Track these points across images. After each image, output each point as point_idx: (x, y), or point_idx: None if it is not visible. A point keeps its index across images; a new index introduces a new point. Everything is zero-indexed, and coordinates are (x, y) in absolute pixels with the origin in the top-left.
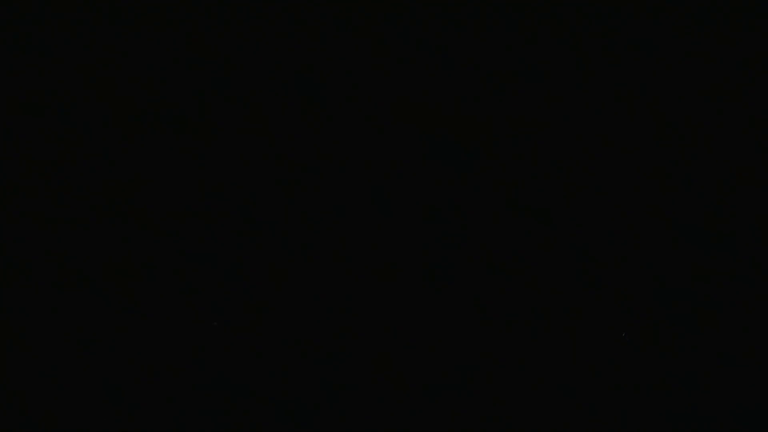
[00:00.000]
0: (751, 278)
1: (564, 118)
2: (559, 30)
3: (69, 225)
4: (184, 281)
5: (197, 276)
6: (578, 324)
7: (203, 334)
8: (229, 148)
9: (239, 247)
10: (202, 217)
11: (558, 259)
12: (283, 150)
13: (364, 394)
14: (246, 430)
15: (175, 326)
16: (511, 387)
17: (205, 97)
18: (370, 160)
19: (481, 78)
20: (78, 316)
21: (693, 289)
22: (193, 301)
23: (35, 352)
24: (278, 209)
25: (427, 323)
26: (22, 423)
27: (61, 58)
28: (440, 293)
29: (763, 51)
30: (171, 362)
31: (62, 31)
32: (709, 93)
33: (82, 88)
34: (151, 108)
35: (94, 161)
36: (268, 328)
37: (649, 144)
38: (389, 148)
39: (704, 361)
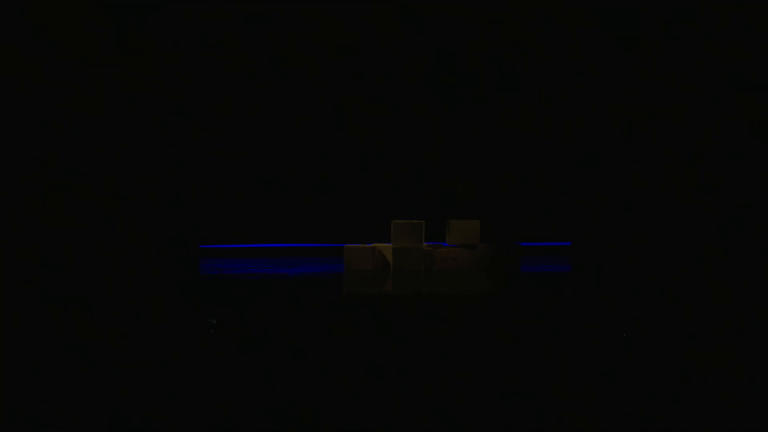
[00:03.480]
0: (751, 278)
1: (564, 118)
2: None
3: (69, 225)
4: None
5: (197, 275)
6: (578, 324)
7: (203, 334)
8: (229, 148)
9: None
10: (202, 216)
11: (558, 258)
12: (284, 150)
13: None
14: (246, 430)
15: (175, 326)
16: (511, 387)
17: (208, 97)
18: (371, 161)
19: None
20: (78, 316)
21: (693, 289)
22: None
23: (35, 352)
24: (279, 209)
25: (427, 323)
26: (23, 423)
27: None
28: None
29: (764, 51)
30: (171, 362)
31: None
32: (709, 92)
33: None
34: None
35: (95, 160)
36: (268, 328)
37: (650, 144)
38: (389, 147)
39: (704, 361)
